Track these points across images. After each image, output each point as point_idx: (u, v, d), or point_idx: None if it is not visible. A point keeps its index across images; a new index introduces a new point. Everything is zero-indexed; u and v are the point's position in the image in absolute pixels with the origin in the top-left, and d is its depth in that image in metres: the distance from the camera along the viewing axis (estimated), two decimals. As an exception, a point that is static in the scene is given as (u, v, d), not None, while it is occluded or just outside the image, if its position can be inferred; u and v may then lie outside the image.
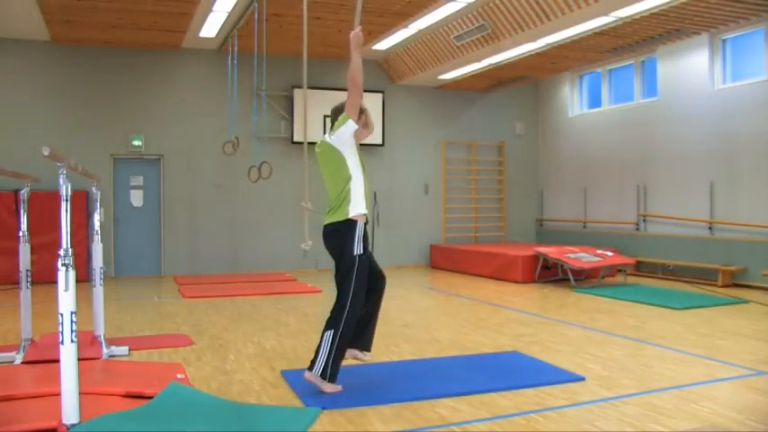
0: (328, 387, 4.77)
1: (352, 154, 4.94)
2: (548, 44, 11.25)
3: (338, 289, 4.89)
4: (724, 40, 11.61)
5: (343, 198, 4.87)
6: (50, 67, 12.51)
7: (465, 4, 10.56)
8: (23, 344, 5.99)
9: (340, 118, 4.97)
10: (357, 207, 4.87)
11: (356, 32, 4.98)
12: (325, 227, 4.99)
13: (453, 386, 4.98)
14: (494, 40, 11.16)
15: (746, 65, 11.41)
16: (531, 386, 5.00)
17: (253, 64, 11.20)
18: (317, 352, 4.81)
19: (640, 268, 12.64)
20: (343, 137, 4.92)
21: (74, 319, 3.68)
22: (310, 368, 4.80)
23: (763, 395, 4.80)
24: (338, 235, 4.88)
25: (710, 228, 11.66)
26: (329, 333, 4.80)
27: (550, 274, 11.84)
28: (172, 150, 13.25)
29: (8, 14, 10.74)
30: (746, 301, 9.44)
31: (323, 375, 4.75)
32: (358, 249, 4.83)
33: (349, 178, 4.89)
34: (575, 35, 10.73)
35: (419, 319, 8.33)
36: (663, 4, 9.21)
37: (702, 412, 4.38)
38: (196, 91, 13.39)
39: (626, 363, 5.86)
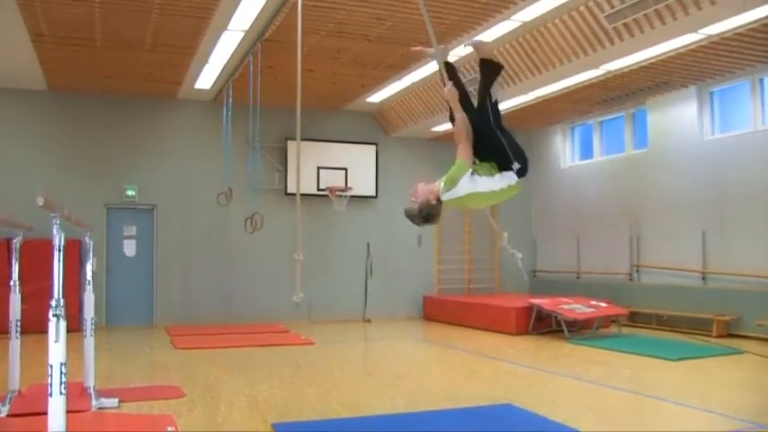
0: None
1: (474, 182, 4.65)
2: (539, 96, 11.41)
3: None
4: (711, 92, 11.79)
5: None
6: (46, 116, 12.61)
7: (457, 58, 10.71)
8: (10, 395, 5.89)
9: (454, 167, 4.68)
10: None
11: (448, 88, 4.81)
12: None
13: (447, 438, 4.91)
14: (486, 93, 11.28)
15: (734, 116, 11.58)
16: (525, 439, 4.93)
17: (247, 115, 11.30)
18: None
19: (634, 318, 12.60)
20: (465, 184, 4.63)
21: (63, 371, 3.63)
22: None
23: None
24: None
25: (704, 277, 11.67)
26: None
27: (544, 325, 11.77)
28: (166, 200, 13.26)
29: (6, 63, 10.84)
30: (742, 352, 9.39)
31: None
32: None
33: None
34: (565, 88, 10.89)
35: (412, 370, 8.26)
36: (651, 58, 9.38)
37: (700, 465, 4.32)
38: (191, 141, 13.47)
39: (621, 415, 5.80)
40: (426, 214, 4.65)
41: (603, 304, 11.77)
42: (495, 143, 4.68)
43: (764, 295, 10.52)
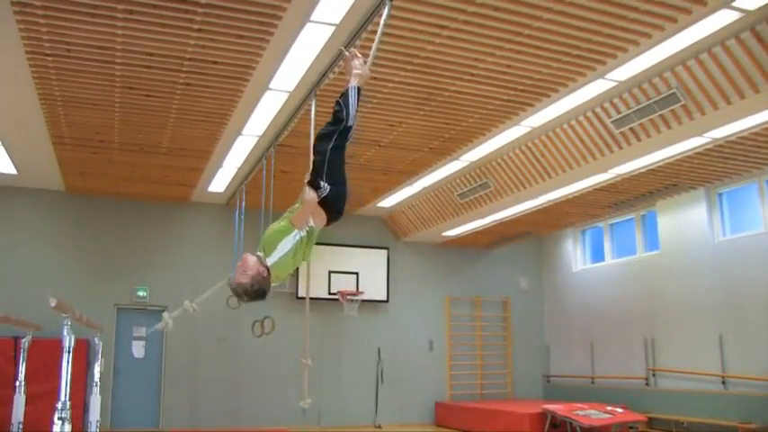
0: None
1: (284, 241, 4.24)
2: (549, 200, 11.50)
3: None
4: (720, 194, 11.86)
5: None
6: (62, 216, 12.77)
7: (467, 163, 10.89)
8: (10, 503, 5.72)
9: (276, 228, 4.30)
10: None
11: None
12: None
13: None
14: (496, 198, 11.42)
15: (744, 217, 11.60)
16: None
17: (259, 219, 11.40)
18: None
19: (653, 425, 12.21)
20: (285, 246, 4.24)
21: (65, 475, 3.54)
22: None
23: None
24: None
25: (724, 382, 11.38)
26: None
27: (560, 432, 11.46)
28: (176, 302, 13.16)
29: (26, 164, 11.09)
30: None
31: None
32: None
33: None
34: (575, 192, 10.99)
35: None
36: (658, 161, 9.49)
37: None
38: (203, 243, 13.56)
39: None
40: (259, 288, 4.01)
41: (620, 410, 11.45)
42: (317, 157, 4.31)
43: (787, 401, 10.22)
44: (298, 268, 4.19)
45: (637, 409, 12.09)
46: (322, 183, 4.23)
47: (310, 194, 4.20)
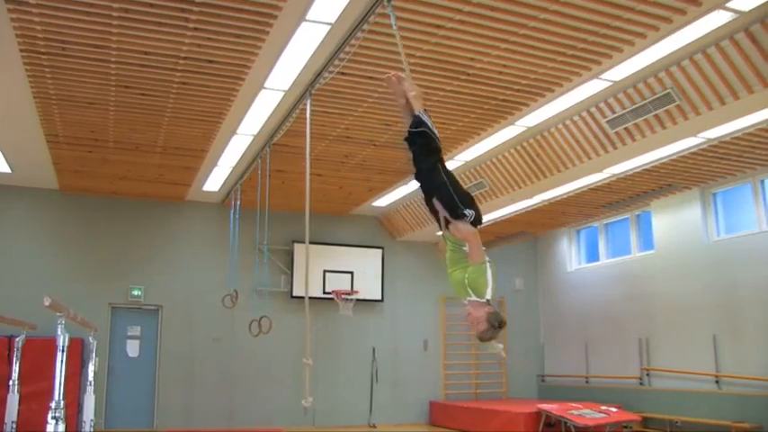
0: None
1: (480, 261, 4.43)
2: (544, 200, 11.51)
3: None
4: (714, 194, 11.89)
5: None
6: (56, 215, 12.74)
7: (462, 163, 10.89)
8: (4, 502, 5.71)
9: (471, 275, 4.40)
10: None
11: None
12: None
13: None
14: (491, 197, 11.43)
15: (738, 217, 11.63)
16: None
17: (255, 218, 11.40)
18: None
19: (647, 425, 12.23)
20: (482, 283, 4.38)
21: (59, 474, 3.53)
22: None
23: None
24: None
25: (717, 381, 11.41)
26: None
27: (554, 431, 11.46)
28: (171, 301, 13.21)
29: (21, 163, 11.07)
30: (761, 461, 9.06)
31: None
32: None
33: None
34: (570, 191, 11.00)
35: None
36: (653, 161, 9.52)
37: None
38: (198, 243, 13.55)
39: None
40: (496, 320, 4.16)
41: (614, 410, 11.48)
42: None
43: (780, 401, 10.26)
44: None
45: (631, 409, 12.12)
46: (466, 211, 4.35)
47: (466, 228, 4.31)
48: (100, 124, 9.09)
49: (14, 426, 5.82)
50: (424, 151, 4.51)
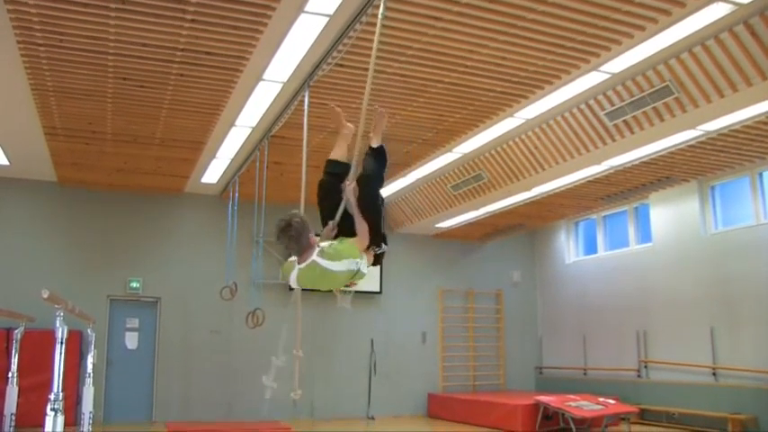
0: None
1: (355, 264, 4.47)
2: (542, 192, 11.51)
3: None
4: (713, 187, 11.91)
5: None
6: (54, 207, 12.71)
7: (461, 155, 10.88)
8: (3, 494, 5.72)
9: (347, 246, 4.47)
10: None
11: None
12: None
13: None
14: (490, 190, 11.42)
15: (736, 211, 11.66)
16: None
17: (253, 210, 11.39)
18: None
19: (644, 416, 12.28)
20: (350, 266, 4.44)
21: (58, 467, 3.53)
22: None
23: None
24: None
25: (714, 373, 11.45)
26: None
27: (552, 424, 11.48)
28: (169, 293, 13.21)
29: (18, 155, 11.05)
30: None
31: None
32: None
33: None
34: (568, 184, 11.00)
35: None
36: (651, 154, 9.51)
37: None
38: (196, 235, 13.54)
39: None
40: (289, 222, 4.26)
41: (612, 402, 11.51)
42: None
43: (777, 393, 10.30)
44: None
45: (629, 401, 12.16)
46: (383, 246, 4.80)
47: (365, 240, 4.54)
48: (98, 116, 9.07)
49: (14, 418, 5.83)
50: (381, 168, 5.01)
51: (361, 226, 4.54)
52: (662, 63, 7.56)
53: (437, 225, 14.29)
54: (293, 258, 4.42)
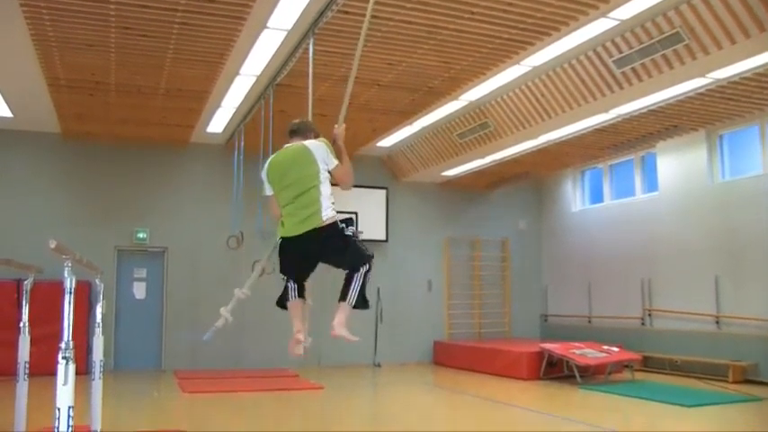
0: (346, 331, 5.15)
1: (325, 173, 5.06)
2: (548, 141, 11.45)
3: (350, 261, 5.07)
4: (721, 136, 11.82)
5: (315, 199, 4.91)
6: (59, 159, 12.73)
7: (467, 103, 10.81)
8: (17, 440, 5.83)
9: (330, 147, 5.16)
10: (331, 209, 4.96)
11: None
12: (302, 237, 4.95)
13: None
14: (496, 138, 11.37)
15: (744, 160, 11.59)
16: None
17: (258, 159, 11.35)
18: (347, 285, 5.13)
19: (647, 364, 12.42)
20: (324, 155, 5.06)
21: (71, 414, 3.59)
22: (342, 299, 5.19)
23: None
24: (330, 239, 4.96)
25: (717, 322, 11.54)
26: (363, 268, 5.03)
27: (556, 371, 11.62)
28: (176, 243, 13.29)
29: (22, 107, 11.02)
30: (760, 399, 9.21)
31: (360, 304, 5.21)
32: (350, 230, 5.02)
33: (319, 182, 4.94)
34: (575, 132, 10.93)
35: (423, 416, 8.14)
36: (660, 102, 9.42)
37: None
38: (202, 185, 13.56)
39: (636, 462, 5.69)
40: (307, 124, 5.57)
41: (615, 349, 11.62)
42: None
43: (780, 341, 10.38)
44: None
45: (632, 349, 12.27)
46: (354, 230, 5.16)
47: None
48: (101, 67, 8.99)
49: (27, 366, 5.91)
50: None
51: (347, 165, 5.38)
52: (672, 9, 7.42)
53: (443, 173, 14.26)
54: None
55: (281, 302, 5.23)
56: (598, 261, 14.39)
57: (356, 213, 14.04)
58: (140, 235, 13.04)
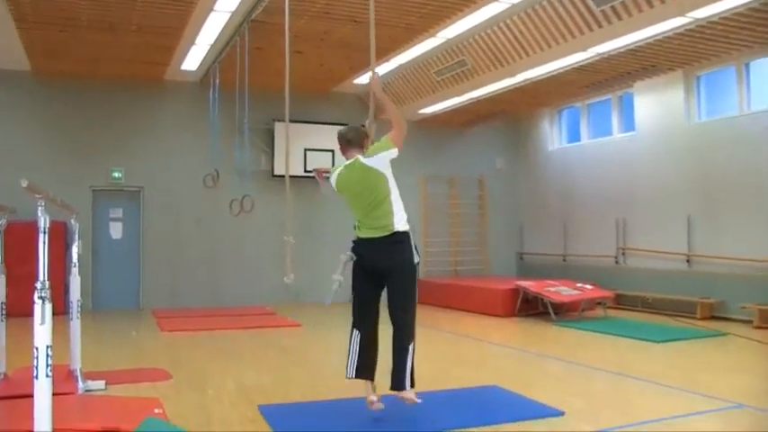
0: (413, 393, 4.94)
1: (391, 174, 5.34)
2: (526, 79, 11.39)
3: (401, 298, 5.06)
4: (698, 77, 11.82)
5: (388, 212, 5.19)
6: (30, 99, 12.48)
7: (444, 40, 10.69)
8: (-4, 378, 5.88)
9: (383, 141, 5.34)
10: (404, 219, 5.19)
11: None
12: (374, 240, 5.14)
13: (433, 422, 4.94)
14: (473, 76, 11.29)
15: (721, 101, 11.63)
16: (511, 421, 4.97)
17: (234, 97, 11.23)
18: (400, 369, 4.91)
19: (620, 301, 12.68)
20: (385, 160, 5.32)
21: (49, 353, 3.61)
22: (399, 388, 4.91)
23: (742, 428, 4.81)
24: (399, 247, 5.10)
25: (689, 261, 11.76)
26: (411, 346, 4.97)
27: (531, 308, 11.83)
28: (152, 182, 13.20)
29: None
30: (725, 334, 9.49)
31: (412, 385, 4.94)
32: (417, 257, 5.12)
33: (389, 193, 5.25)
34: (553, 71, 10.87)
35: (400, 352, 8.25)
36: (638, 41, 9.37)
37: (682, 446, 4.38)
38: (177, 123, 13.39)
39: (606, 396, 5.85)
40: (360, 133, 5.66)
41: (589, 287, 11.83)
42: None
43: (748, 279, 10.62)
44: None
45: (606, 287, 12.49)
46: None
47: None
48: (71, 2, 8.74)
49: (4, 306, 5.92)
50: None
51: (395, 115, 5.51)
52: (653, -54, 7.33)
53: (420, 111, 14.19)
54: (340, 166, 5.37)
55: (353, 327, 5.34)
56: (574, 200, 14.51)
57: (333, 151, 14.05)
58: (116, 175, 12.92)
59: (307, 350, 8.56)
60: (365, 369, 5.07)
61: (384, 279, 5.15)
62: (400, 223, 5.12)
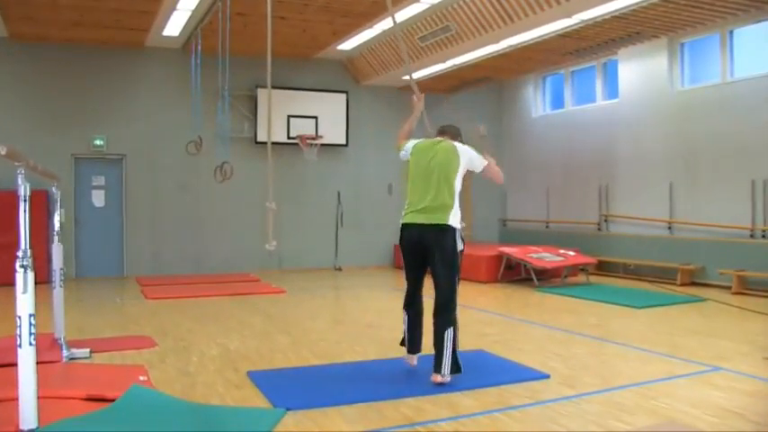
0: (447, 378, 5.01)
1: (461, 174, 5.47)
2: (510, 45, 11.34)
3: (442, 283, 5.21)
4: (682, 44, 11.82)
5: (451, 207, 5.31)
6: (9, 65, 12.27)
7: (428, 6, 10.60)
8: (-20, 347, 5.86)
9: (477, 152, 5.59)
10: (458, 216, 5.37)
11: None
12: (427, 226, 5.24)
13: (417, 386, 5.00)
14: (458, 42, 11.22)
15: (704, 68, 11.65)
16: (494, 385, 5.04)
17: (217, 63, 11.11)
18: (440, 353, 5.00)
19: (602, 268, 12.80)
20: (473, 163, 5.57)
21: (32, 322, 3.61)
22: (438, 371, 4.97)
23: (719, 390, 4.91)
24: (447, 234, 5.22)
25: (670, 227, 11.87)
26: (450, 331, 5.04)
27: (514, 273, 11.94)
28: (134, 150, 13.09)
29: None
30: (704, 300, 9.63)
31: (454, 371, 5.02)
32: (461, 245, 5.29)
33: (455, 180, 5.35)
34: (537, 37, 10.82)
35: (383, 319, 8.33)
36: (623, 8, 9.34)
37: (661, 408, 4.46)
38: (159, 90, 13.25)
39: (588, 361, 5.94)
40: (457, 130, 6.05)
41: (572, 253, 11.94)
42: None
43: (727, 245, 10.75)
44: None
45: (588, 253, 12.61)
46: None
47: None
48: (47, -37, 8.59)
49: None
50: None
51: (497, 175, 5.98)
52: None
53: (404, 77, 14.09)
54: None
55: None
56: (557, 166, 14.56)
57: (316, 117, 14.00)
58: (97, 142, 12.80)
59: (291, 316, 8.60)
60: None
61: (428, 252, 5.28)
62: (452, 220, 5.24)
